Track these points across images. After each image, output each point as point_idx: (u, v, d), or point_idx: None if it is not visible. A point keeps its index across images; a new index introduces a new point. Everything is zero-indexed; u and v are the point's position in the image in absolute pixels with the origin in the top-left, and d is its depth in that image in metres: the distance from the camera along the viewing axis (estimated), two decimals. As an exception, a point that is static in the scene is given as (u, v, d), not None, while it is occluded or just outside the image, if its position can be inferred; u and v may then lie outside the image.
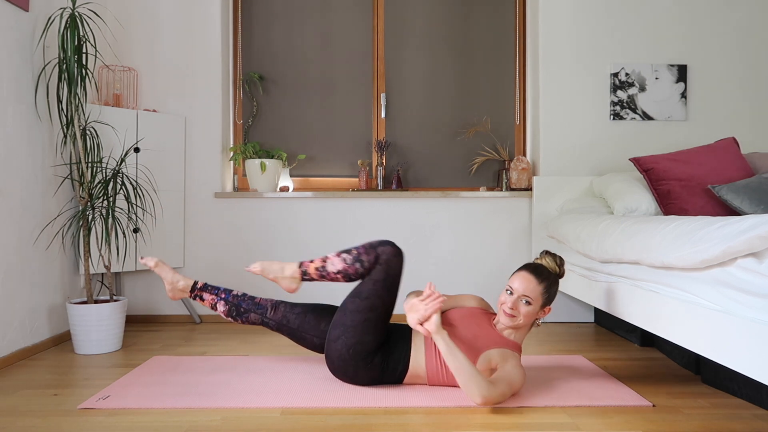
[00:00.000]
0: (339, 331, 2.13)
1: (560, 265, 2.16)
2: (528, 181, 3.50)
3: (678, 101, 3.48)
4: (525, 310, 2.06)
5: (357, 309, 2.12)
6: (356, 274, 2.16)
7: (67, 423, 1.82)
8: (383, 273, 2.12)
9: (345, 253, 2.17)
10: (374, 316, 2.11)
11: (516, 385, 1.95)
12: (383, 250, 2.14)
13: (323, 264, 2.20)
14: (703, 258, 1.61)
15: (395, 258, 2.13)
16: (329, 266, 2.19)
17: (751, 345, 1.42)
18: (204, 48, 3.47)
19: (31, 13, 2.73)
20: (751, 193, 2.52)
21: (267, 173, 3.44)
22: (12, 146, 2.56)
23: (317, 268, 2.21)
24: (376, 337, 2.12)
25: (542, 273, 2.09)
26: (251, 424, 1.81)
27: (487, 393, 1.85)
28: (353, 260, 2.15)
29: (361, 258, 2.14)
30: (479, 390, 1.85)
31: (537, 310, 2.08)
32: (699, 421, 1.84)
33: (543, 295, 2.07)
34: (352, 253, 2.16)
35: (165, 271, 2.39)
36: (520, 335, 2.14)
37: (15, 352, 2.55)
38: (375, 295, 2.12)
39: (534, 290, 2.06)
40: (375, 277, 2.13)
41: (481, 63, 3.72)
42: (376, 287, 2.12)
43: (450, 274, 3.51)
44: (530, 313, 2.07)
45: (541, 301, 2.08)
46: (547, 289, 2.08)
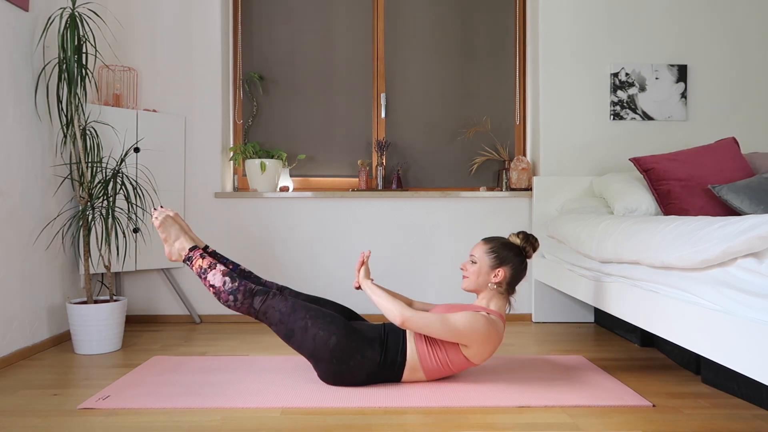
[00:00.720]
0: (313, 360, 2.16)
1: (523, 239, 2.25)
2: (528, 181, 3.50)
3: (678, 101, 3.48)
4: (471, 269, 2.24)
5: (300, 342, 2.14)
6: (226, 302, 2.19)
7: (67, 423, 1.82)
8: (276, 314, 2.16)
9: (228, 278, 2.19)
10: (315, 328, 2.12)
11: (454, 325, 2.06)
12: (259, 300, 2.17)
13: (207, 268, 2.23)
14: (703, 258, 1.61)
15: (274, 299, 2.18)
16: (210, 276, 2.21)
17: (751, 345, 1.42)
18: (204, 48, 3.47)
19: (31, 13, 2.73)
20: (751, 193, 2.52)
21: (267, 173, 3.44)
22: (12, 146, 2.56)
23: (200, 266, 2.24)
24: (341, 331, 2.12)
25: (492, 239, 2.28)
26: (251, 424, 1.81)
27: (408, 313, 2.06)
28: (230, 290, 2.18)
29: (237, 295, 2.18)
30: (397, 309, 2.07)
31: (485, 269, 2.21)
32: (699, 421, 1.84)
33: (488, 254, 2.22)
34: (234, 282, 2.19)
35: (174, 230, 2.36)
36: (495, 303, 2.22)
37: (15, 352, 2.55)
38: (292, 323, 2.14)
39: (478, 249, 2.25)
40: (274, 321, 2.16)
41: (481, 63, 3.72)
42: (284, 323, 2.15)
43: (450, 274, 3.51)
44: (477, 272, 2.22)
45: (487, 261, 2.21)
46: (494, 250, 2.22)
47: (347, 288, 3.47)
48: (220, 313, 3.48)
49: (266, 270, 3.48)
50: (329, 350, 2.10)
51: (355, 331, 2.14)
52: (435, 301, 3.50)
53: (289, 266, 3.49)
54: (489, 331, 2.10)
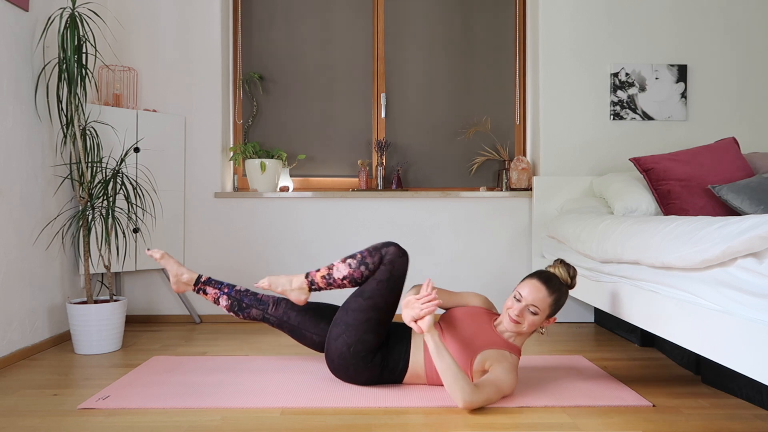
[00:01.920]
0: (340, 329, 2.13)
1: (573, 277, 2.13)
2: (528, 181, 3.50)
3: (678, 101, 3.48)
4: (531, 320, 2.04)
5: (359, 308, 2.12)
6: (362, 277, 2.15)
7: (67, 423, 1.82)
8: (387, 273, 2.12)
9: (350, 258, 2.17)
10: (376, 316, 2.11)
11: (504, 390, 1.95)
12: (387, 251, 2.13)
13: (329, 272, 2.20)
14: (703, 258, 1.61)
15: (399, 258, 2.13)
16: (335, 273, 2.18)
17: (751, 345, 1.42)
18: (204, 48, 3.47)
19: (31, 13, 2.73)
20: (751, 193, 2.52)
21: (267, 173, 3.44)
22: (12, 146, 2.56)
23: (323, 277, 2.20)
24: (377, 337, 2.12)
25: (554, 285, 2.06)
26: (251, 424, 1.81)
27: (469, 398, 1.86)
28: (358, 264, 2.14)
29: (366, 261, 2.13)
30: (462, 394, 1.86)
31: (542, 320, 2.06)
32: (699, 421, 1.84)
33: (551, 306, 2.05)
34: (356, 257, 2.15)
35: (170, 264, 2.39)
36: (521, 339, 2.13)
37: (15, 352, 2.55)
38: (378, 294, 2.11)
39: (543, 301, 2.03)
40: (379, 277, 2.12)
41: (481, 63, 3.72)
42: (379, 287, 2.12)
43: (450, 274, 3.51)
44: (535, 323, 2.05)
45: (548, 312, 2.06)
46: (556, 302, 2.05)
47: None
48: (220, 313, 3.48)
49: (266, 270, 3.48)
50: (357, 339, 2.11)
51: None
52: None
53: (289, 266, 3.49)
54: (516, 378, 2.01)
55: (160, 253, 2.39)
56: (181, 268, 2.39)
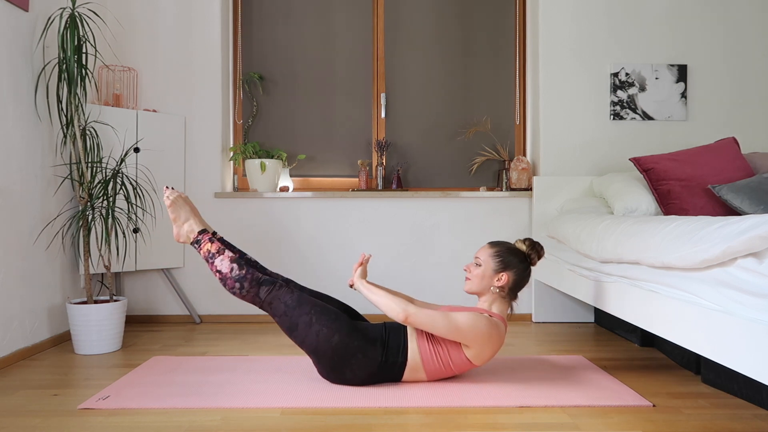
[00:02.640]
0: (314, 356, 2.16)
1: (529, 246, 2.24)
2: (528, 181, 3.50)
3: (678, 101, 3.48)
4: (475, 271, 2.23)
5: (302, 337, 2.14)
6: (231, 289, 2.19)
7: (67, 423, 1.82)
8: (281, 306, 2.17)
9: (236, 265, 2.20)
10: (318, 324, 2.12)
11: (461, 326, 2.07)
12: (265, 290, 2.18)
13: (216, 253, 2.23)
14: (703, 258, 1.61)
15: (280, 290, 2.19)
16: (217, 261, 2.22)
17: (751, 345, 1.42)
18: (204, 48, 3.47)
19: (31, 13, 2.73)
20: (751, 193, 2.52)
21: (267, 173, 3.44)
22: (12, 146, 2.56)
23: (208, 250, 2.24)
24: (343, 329, 2.12)
25: (497, 243, 2.27)
26: (251, 424, 1.81)
27: (411, 309, 2.07)
28: (237, 277, 2.19)
29: (244, 283, 2.19)
30: (399, 306, 2.08)
31: (489, 273, 2.20)
32: (699, 421, 1.84)
33: (493, 257, 2.21)
34: (242, 270, 2.19)
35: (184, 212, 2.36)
36: (498, 307, 2.23)
37: (15, 352, 2.55)
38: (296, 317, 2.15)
39: (483, 252, 2.24)
40: (279, 313, 2.18)
41: (481, 63, 3.72)
42: (288, 315, 2.16)
43: (450, 274, 3.51)
44: (480, 275, 2.21)
45: (492, 264, 2.20)
46: (498, 254, 2.22)
47: (348, 288, 3.47)
48: (220, 313, 3.48)
49: (266, 270, 3.48)
50: (331, 348, 2.10)
51: (357, 329, 2.14)
52: (435, 301, 3.49)
53: (289, 266, 3.49)
54: (490, 331, 2.11)
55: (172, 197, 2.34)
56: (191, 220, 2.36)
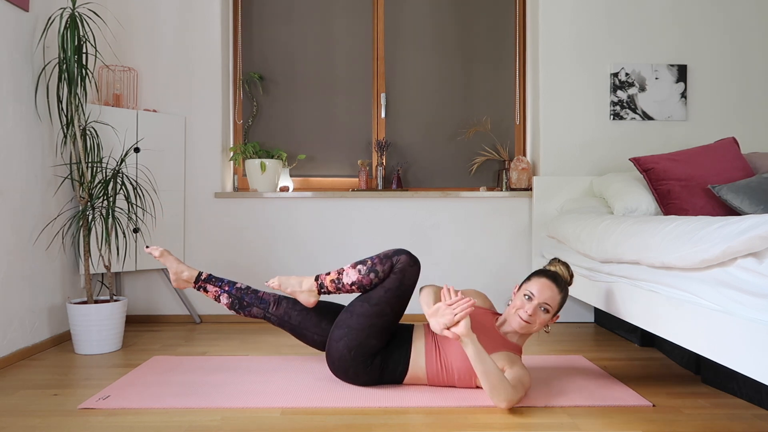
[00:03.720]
0: (342, 332, 2.12)
1: (571, 276, 2.20)
2: (528, 181, 3.50)
3: (678, 101, 3.48)
4: (542, 318, 2.07)
5: (364, 313, 2.11)
6: (371, 284, 2.14)
7: (67, 423, 1.82)
8: (397, 281, 2.11)
9: (360, 264, 2.16)
10: (380, 323, 2.11)
11: (527, 386, 1.97)
12: (398, 259, 2.12)
13: (339, 276, 2.19)
14: (703, 258, 1.61)
15: (411, 267, 2.12)
16: (345, 278, 2.17)
17: (751, 345, 1.42)
18: (204, 48, 3.47)
19: (31, 13, 2.73)
20: (751, 193, 2.52)
21: (267, 173, 3.44)
22: (12, 146, 2.57)
23: (333, 281, 2.19)
24: (379, 342, 2.12)
25: (561, 282, 2.11)
26: (251, 424, 1.81)
27: (512, 397, 1.88)
28: (368, 271, 2.13)
29: (376, 268, 2.12)
30: (506, 395, 1.87)
31: (550, 318, 2.10)
32: (699, 421, 1.84)
33: (560, 304, 2.10)
34: (366, 263, 2.14)
35: (170, 261, 2.38)
36: (523, 339, 2.15)
37: (15, 352, 2.55)
38: (385, 302, 2.11)
39: (554, 299, 2.07)
40: (388, 285, 2.12)
41: (481, 63, 3.72)
42: (387, 295, 2.11)
43: (450, 274, 3.51)
44: (544, 321, 2.09)
45: (557, 309, 2.10)
46: (564, 299, 2.11)
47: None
48: (220, 313, 3.48)
49: (266, 270, 3.48)
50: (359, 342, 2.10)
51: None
52: (435, 301, 3.49)
53: (289, 266, 3.49)
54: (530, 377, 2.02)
55: (159, 250, 2.38)
56: (181, 265, 2.39)
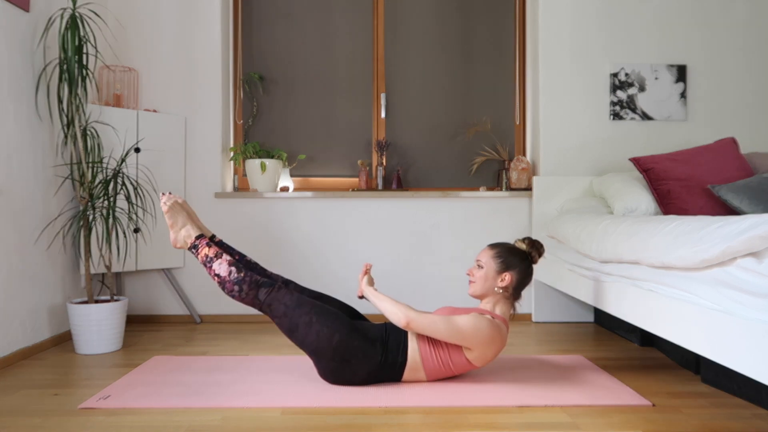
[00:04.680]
0: (315, 357, 2.16)
1: (529, 245, 2.26)
2: (528, 181, 3.51)
3: (677, 101, 3.48)
4: (478, 274, 2.24)
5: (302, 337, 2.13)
6: (230, 292, 2.18)
7: (67, 423, 1.82)
8: (281, 306, 2.16)
9: (235, 268, 2.19)
10: (318, 324, 2.12)
11: (462, 329, 2.07)
12: (264, 291, 2.17)
13: (214, 257, 2.21)
14: (703, 258, 1.61)
15: (279, 292, 2.18)
16: (215, 265, 2.20)
17: (751, 345, 1.42)
18: (204, 48, 3.47)
19: (32, 13, 2.73)
20: (751, 193, 2.52)
21: (267, 173, 3.44)
22: (12, 146, 2.57)
23: (206, 255, 2.22)
24: (343, 329, 2.12)
25: (498, 244, 2.28)
26: (251, 424, 1.81)
27: (412, 314, 2.08)
28: (235, 280, 2.17)
29: (242, 286, 2.17)
30: (402, 311, 2.09)
31: (491, 274, 2.21)
32: (699, 421, 1.84)
33: (494, 258, 2.22)
34: (240, 273, 2.18)
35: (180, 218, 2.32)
36: (500, 308, 2.23)
37: (15, 352, 2.55)
38: (296, 317, 2.14)
39: (484, 254, 2.26)
40: (278, 314, 2.16)
41: (481, 63, 3.72)
42: (288, 316, 2.15)
43: (450, 274, 3.51)
44: (483, 276, 2.22)
45: (494, 265, 2.21)
46: (499, 255, 2.23)
47: (348, 288, 3.47)
48: (221, 313, 3.48)
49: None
50: (332, 348, 2.10)
51: (357, 329, 2.15)
52: (436, 301, 3.50)
53: (289, 266, 3.49)
54: (493, 334, 2.11)
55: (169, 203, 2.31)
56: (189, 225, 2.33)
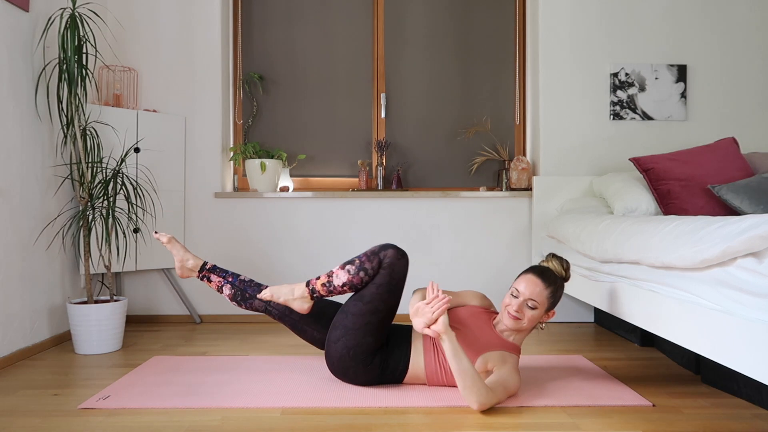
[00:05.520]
0: (340, 333, 2.12)
1: (566, 269, 2.14)
2: (528, 181, 3.50)
3: (678, 101, 3.48)
4: (530, 314, 2.05)
5: (359, 312, 2.11)
6: (361, 283, 2.13)
7: (67, 423, 1.82)
8: (387, 277, 2.10)
9: (349, 264, 2.14)
10: (376, 320, 2.10)
11: (511, 390, 1.97)
12: (386, 254, 2.11)
13: (329, 279, 2.17)
14: (703, 258, 1.61)
15: (398, 261, 2.11)
16: (335, 280, 2.15)
17: (751, 345, 1.42)
18: (204, 48, 3.47)
19: (31, 13, 2.73)
20: (751, 193, 2.52)
21: (267, 173, 3.44)
22: (12, 146, 2.57)
23: (324, 284, 2.17)
24: (377, 340, 2.12)
25: (549, 277, 2.07)
26: (251, 424, 1.81)
27: (484, 400, 1.87)
28: (357, 270, 2.12)
29: (365, 266, 2.11)
30: (478, 397, 1.86)
31: (542, 314, 2.07)
32: (699, 421, 1.84)
33: (548, 299, 2.06)
34: (354, 263, 2.13)
35: (177, 249, 2.37)
36: (520, 337, 2.14)
37: (15, 352, 2.55)
38: (378, 298, 2.10)
39: (540, 294, 2.04)
40: (378, 281, 2.10)
41: (481, 63, 3.72)
42: (379, 291, 2.10)
43: (450, 274, 3.51)
44: (534, 318, 2.06)
45: (546, 306, 2.07)
46: (553, 294, 2.07)
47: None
48: (221, 313, 3.48)
49: (266, 270, 3.48)
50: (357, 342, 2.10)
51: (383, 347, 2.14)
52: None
53: (289, 266, 3.49)
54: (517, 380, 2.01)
55: (167, 237, 2.38)
56: (187, 253, 2.37)
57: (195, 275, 2.39)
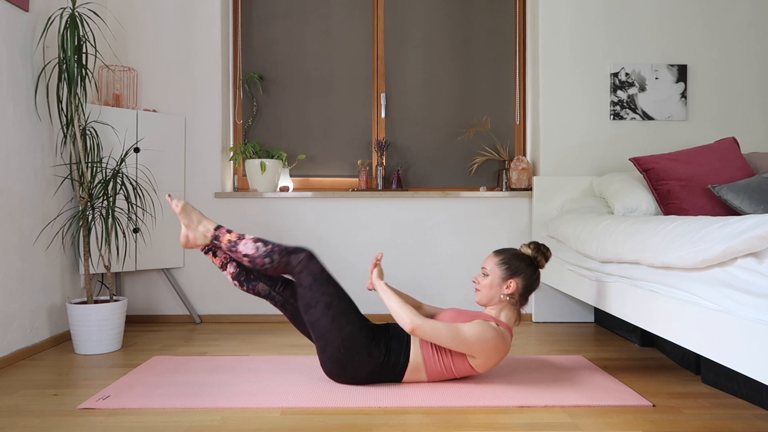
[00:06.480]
0: (322, 341, 2.15)
1: (536, 251, 2.23)
2: (528, 181, 3.50)
3: (678, 101, 3.48)
4: (483, 282, 2.21)
5: (318, 317, 2.14)
6: (261, 266, 2.19)
7: (67, 423, 1.82)
8: (310, 277, 2.17)
9: (261, 243, 2.21)
10: (336, 310, 2.14)
11: (465, 336, 2.06)
12: (297, 258, 2.18)
13: (237, 240, 2.22)
14: (703, 258, 1.61)
15: (311, 262, 2.19)
16: (241, 246, 2.21)
17: (751, 345, 1.42)
18: (204, 48, 3.47)
19: (31, 13, 2.73)
20: (751, 193, 2.52)
21: (267, 173, 3.44)
22: (12, 146, 2.57)
23: (230, 240, 2.23)
24: (356, 323, 2.13)
25: (503, 251, 2.25)
26: (251, 424, 1.81)
27: (418, 321, 2.04)
28: (265, 253, 2.19)
29: (273, 256, 2.18)
30: (408, 316, 2.05)
31: (497, 281, 2.18)
32: (699, 421, 1.84)
33: (499, 265, 2.19)
34: (267, 246, 2.20)
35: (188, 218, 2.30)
36: (506, 314, 2.21)
37: (15, 352, 2.55)
38: (320, 295, 2.15)
39: (489, 261, 2.22)
40: (306, 284, 2.17)
41: (481, 63, 3.72)
42: (313, 290, 2.16)
43: (450, 273, 3.51)
44: (489, 284, 2.19)
45: (499, 273, 2.18)
46: (505, 261, 2.20)
47: (348, 288, 3.46)
48: (220, 313, 3.48)
49: (266, 270, 3.48)
50: (341, 338, 2.11)
51: (367, 327, 2.16)
52: (435, 301, 3.50)
53: (289, 266, 3.48)
54: (496, 343, 2.10)
55: (180, 205, 2.29)
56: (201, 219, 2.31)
57: (200, 247, 2.32)
